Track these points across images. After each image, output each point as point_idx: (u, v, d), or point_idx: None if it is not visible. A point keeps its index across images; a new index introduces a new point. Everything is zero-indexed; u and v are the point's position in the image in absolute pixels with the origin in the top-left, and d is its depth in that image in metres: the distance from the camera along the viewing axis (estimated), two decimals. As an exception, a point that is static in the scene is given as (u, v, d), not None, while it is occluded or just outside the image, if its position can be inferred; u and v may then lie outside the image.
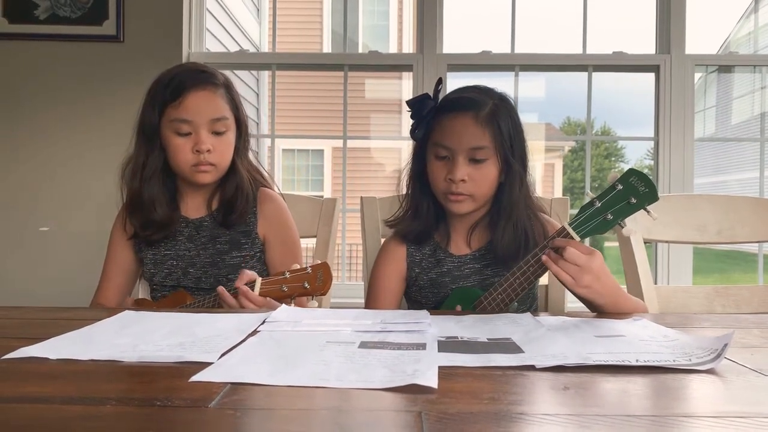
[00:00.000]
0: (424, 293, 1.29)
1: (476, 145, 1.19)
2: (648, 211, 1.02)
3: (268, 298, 1.13)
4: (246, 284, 1.13)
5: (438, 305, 1.26)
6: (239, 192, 1.35)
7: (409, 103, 1.25)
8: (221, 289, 1.14)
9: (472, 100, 1.22)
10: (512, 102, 1.27)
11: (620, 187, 1.03)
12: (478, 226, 1.28)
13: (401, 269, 1.30)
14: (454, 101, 1.24)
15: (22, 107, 2.34)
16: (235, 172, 1.36)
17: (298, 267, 1.15)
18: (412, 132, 1.25)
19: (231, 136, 1.33)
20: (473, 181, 1.20)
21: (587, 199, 1.07)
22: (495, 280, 1.21)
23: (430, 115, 1.23)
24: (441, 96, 1.25)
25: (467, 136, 1.19)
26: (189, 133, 1.28)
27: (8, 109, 2.33)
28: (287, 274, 1.14)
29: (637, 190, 1.01)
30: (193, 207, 1.38)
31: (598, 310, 1.07)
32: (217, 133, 1.30)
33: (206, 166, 1.29)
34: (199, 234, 1.36)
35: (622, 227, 1.04)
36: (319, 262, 1.15)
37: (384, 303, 1.29)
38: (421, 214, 1.28)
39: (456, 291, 1.24)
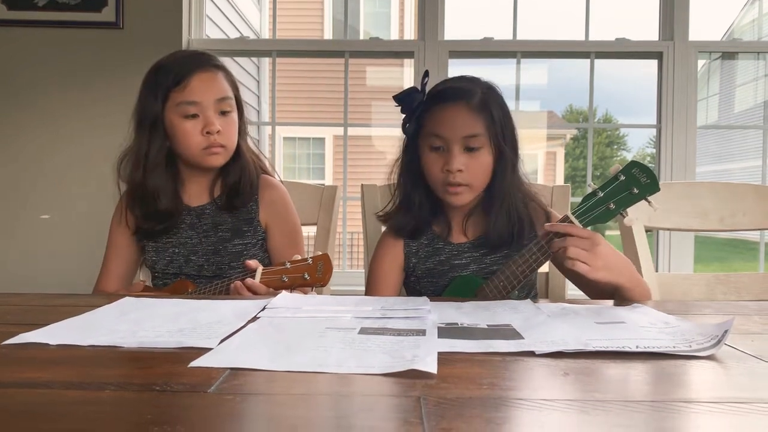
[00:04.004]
0: (423, 283, 1.28)
1: (470, 133, 1.18)
2: (649, 202, 1.04)
3: (270, 289, 1.14)
4: (247, 273, 1.14)
5: (437, 295, 1.26)
6: (244, 174, 1.34)
7: (397, 98, 1.23)
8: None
9: (462, 89, 1.21)
10: (499, 91, 1.27)
11: (622, 177, 1.04)
12: (473, 214, 1.28)
13: (399, 261, 1.30)
14: (443, 92, 1.23)
15: (21, 94, 2.33)
16: (239, 155, 1.35)
17: (299, 258, 1.15)
18: (404, 126, 1.24)
19: (236, 117, 1.33)
20: (469, 171, 1.18)
21: (589, 190, 1.08)
22: (494, 268, 1.21)
23: (420, 107, 1.22)
24: (428, 88, 1.23)
25: (461, 124, 1.18)
26: (196, 115, 1.27)
27: (7, 96, 2.33)
28: (288, 265, 1.14)
29: (638, 181, 1.03)
30: (195, 194, 1.37)
31: (621, 291, 1.06)
32: (223, 114, 1.30)
33: (217, 147, 1.29)
34: (201, 222, 1.35)
35: (624, 217, 1.06)
36: (320, 253, 1.15)
37: (383, 295, 1.28)
38: (412, 208, 1.27)
39: (457, 279, 1.24)
